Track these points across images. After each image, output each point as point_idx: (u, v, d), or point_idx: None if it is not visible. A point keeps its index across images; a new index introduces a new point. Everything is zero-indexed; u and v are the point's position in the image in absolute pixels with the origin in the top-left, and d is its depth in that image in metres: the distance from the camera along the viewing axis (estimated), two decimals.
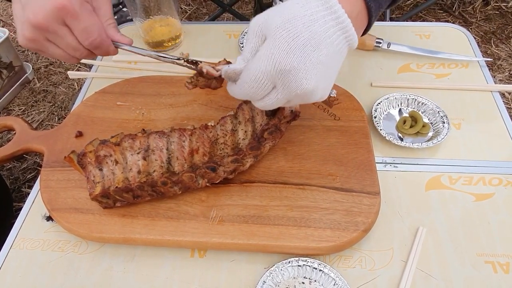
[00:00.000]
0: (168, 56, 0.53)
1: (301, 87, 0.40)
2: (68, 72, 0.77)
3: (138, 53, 0.53)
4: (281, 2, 1.00)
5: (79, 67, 1.40)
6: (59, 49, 0.49)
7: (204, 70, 0.50)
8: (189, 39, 0.80)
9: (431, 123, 0.62)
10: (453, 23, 0.87)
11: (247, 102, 0.57)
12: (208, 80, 0.52)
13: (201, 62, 0.51)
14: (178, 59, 0.53)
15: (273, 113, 0.53)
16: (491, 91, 0.67)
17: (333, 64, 0.42)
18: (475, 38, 0.77)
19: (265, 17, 0.41)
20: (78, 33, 0.47)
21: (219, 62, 0.50)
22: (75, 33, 0.47)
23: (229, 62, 0.50)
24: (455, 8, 1.50)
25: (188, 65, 0.51)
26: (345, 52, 0.43)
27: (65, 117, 0.66)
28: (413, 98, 0.64)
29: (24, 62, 1.37)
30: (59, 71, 1.41)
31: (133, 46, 0.53)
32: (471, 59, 0.72)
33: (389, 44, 0.74)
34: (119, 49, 0.53)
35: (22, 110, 1.29)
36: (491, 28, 1.44)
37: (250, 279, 0.49)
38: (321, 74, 0.40)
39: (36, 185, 0.58)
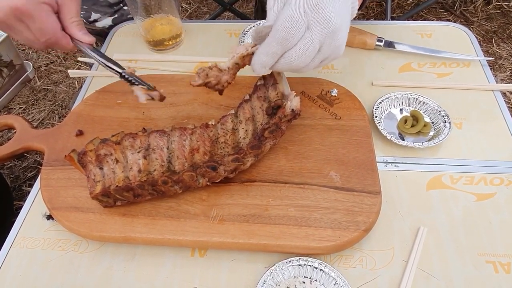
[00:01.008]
0: (114, 68, 0.55)
1: (331, 21, 0.43)
2: (69, 71, 0.77)
3: (91, 57, 0.56)
4: None
5: (80, 65, 1.40)
6: (22, 38, 0.53)
7: (138, 93, 0.53)
8: (189, 37, 0.80)
9: (432, 122, 0.62)
10: (454, 22, 0.87)
11: (248, 100, 0.57)
12: (218, 76, 0.51)
13: (136, 82, 0.54)
14: (122, 73, 0.54)
15: (274, 112, 0.53)
16: (492, 91, 0.67)
17: (347, 16, 0.46)
18: (476, 37, 0.77)
19: None
20: (34, 31, 0.52)
21: (153, 88, 0.54)
22: (31, 31, 0.52)
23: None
24: (457, 7, 1.50)
25: (128, 81, 0.54)
26: (350, 14, 0.48)
27: (65, 116, 0.66)
28: (414, 98, 0.64)
29: (25, 61, 1.37)
30: (59, 69, 1.41)
31: (93, 48, 0.56)
32: (473, 58, 0.72)
33: (390, 43, 0.73)
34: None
35: (22, 108, 1.29)
36: (492, 27, 1.43)
37: (251, 278, 0.48)
38: (343, 13, 0.45)
39: (37, 184, 0.58)
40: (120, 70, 0.54)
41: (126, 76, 0.54)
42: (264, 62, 0.46)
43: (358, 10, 0.51)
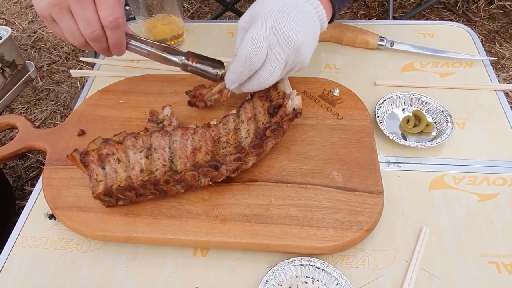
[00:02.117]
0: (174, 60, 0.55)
1: (291, 40, 0.47)
2: (71, 71, 0.77)
3: (145, 50, 0.55)
4: None
5: (82, 65, 1.40)
6: (73, 23, 0.48)
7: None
8: (191, 37, 0.80)
9: (435, 122, 0.62)
10: (456, 22, 0.87)
11: (249, 100, 0.57)
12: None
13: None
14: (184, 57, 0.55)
15: (275, 112, 0.53)
16: (495, 90, 0.67)
17: (310, 28, 0.50)
18: (479, 37, 0.76)
19: (248, 13, 0.50)
20: (103, 7, 0.47)
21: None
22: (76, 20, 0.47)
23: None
24: (459, 7, 1.50)
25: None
26: (318, 28, 0.52)
27: (67, 116, 0.66)
28: (417, 97, 0.64)
29: (27, 61, 1.37)
30: (61, 69, 1.42)
31: (137, 39, 0.54)
32: (475, 58, 0.72)
33: (392, 43, 0.73)
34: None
35: (25, 108, 1.29)
36: (495, 27, 1.43)
37: (253, 278, 0.48)
38: (303, 29, 0.48)
39: (39, 183, 0.58)
40: (179, 60, 0.55)
41: (188, 64, 0.55)
42: (232, 79, 0.51)
43: (330, 22, 0.55)
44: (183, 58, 0.55)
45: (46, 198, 0.54)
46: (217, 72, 0.55)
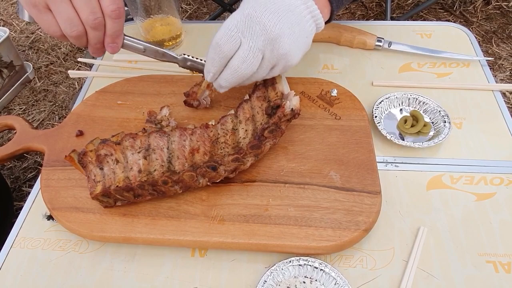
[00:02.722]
0: (171, 54, 0.55)
1: (267, 29, 0.45)
2: (69, 71, 0.77)
3: (139, 46, 0.55)
4: None
5: (80, 66, 1.40)
6: (72, 10, 0.45)
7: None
8: (189, 38, 0.80)
9: (432, 122, 0.62)
10: (454, 22, 0.87)
11: (247, 100, 0.57)
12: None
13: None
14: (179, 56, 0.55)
15: (274, 112, 0.53)
16: (492, 91, 0.67)
17: (295, 26, 0.47)
18: (476, 38, 0.77)
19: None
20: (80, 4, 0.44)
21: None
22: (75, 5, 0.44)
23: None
24: (456, 8, 1.50)
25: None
26: (309, 26, 0.49)
27: (65, 117, 0.66)
28: (414, 97, 0.64)
29: (25, 62, 1.37)
30: (59, 70, 1.42)
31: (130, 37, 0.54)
32: (472, 59, 0.72)
33: (390, 43, 0.74)
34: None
35: (22, 109, 1.29)
36: (492, 27, 1.43)
37: (251, 278, 0.48)
38: (284, 22, 0.46)
39: (37, 184, 0.58)
40: (178, 55, 0.55)
41: (188, 58, 0.55)
42: (207, 68, 0.50)
43: (328, 21, 0.53)
44: (183, 53, 0.55)
45: (44, 199, 0.54)
46: None
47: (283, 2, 0.47)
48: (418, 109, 0.64)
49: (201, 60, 0.56)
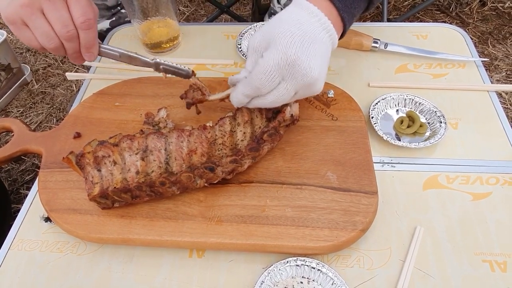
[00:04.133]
0: (146, 59, 0.55)
1: (308, 75, 0.46)
2: (67, 74, 0.77)
3: (115, 54, 0.55)
4: (279, 3, 1.00)
5: (77, 68, 1.40)
6: (46, 24, 0.48)
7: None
8: (187, 40, 0.81)
9: (428, 123, 0.63)
10: (450, 23, 0.88)
11: None
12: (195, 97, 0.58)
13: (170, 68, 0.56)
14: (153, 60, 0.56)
15: (273, 116, 0.54)
16: (487, 91, 0.68)
17: (326, 58, 0.48)
18: (472, 39, 0.77)
19: (261, 33, 0.48)
20: (76, 9, 0.47)
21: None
22: (50, 21, 0.47)
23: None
24: (452, 9, 1.51)
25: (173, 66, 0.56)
26: (330, 50, 0.50)
27: (63, 119, 0.66)
28: (410, 98, 0.64)
29: (22, 64, 1.37)
30: (57, 72, 1.41)
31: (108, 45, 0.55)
32: (468, 59, 0.72)
33: (386, 45, 0.74)
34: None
35: (20, 112, 1.29)
36: (488, 28, 1.44)
37: (249, 279, 0.49)
38: (320, 64, 0.47)
39: (35, 186, 0.58)
40: (151, 60, 0.55)
41: (161, 62, 0.56)
42: (240, 100, 0.51)
43: (341, 37, 0.53)
44: (155, 58, 0.56)
45: (42, 201, 0.54)
46: (189, 69, 0.56)
47: (315, 38, 0.46)
48: (414, 109, 0.64)
49: (176, 64, 0.56)
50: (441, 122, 0.61)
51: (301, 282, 0.48)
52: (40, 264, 0.51)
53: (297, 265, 0.48)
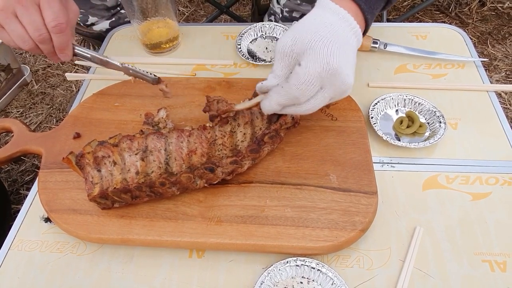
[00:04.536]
0: (115, 63, 0.57)
1: (346, 83, 0.45)
2: (66, 74, 0.77)
3: (87, 57, 0.57)
4: (278, 4, 1.00)
5: (77, 69, 1.40)
6: (20, 27, 0.50)
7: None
8: (186, 40, 0.81)
9: (428, 123, 0.63)
10: (449, 24, 0.88)
11: None
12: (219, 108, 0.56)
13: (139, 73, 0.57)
14: (123, 65, 0.57)
15: (276, 119, 0.54)
16: (487, 91, 0.68)
17: (355, 63, 0.48)
18: (471, 39, 0.77)
19: (291, 37, 0.45)
20: (48, 13, 0.49)
21: None
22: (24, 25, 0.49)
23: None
24: (452, 9, 1.51)
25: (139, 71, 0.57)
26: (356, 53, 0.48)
27: (63, 119, 0.66)
28: (410, 98, 0.64)
29: (22, 65, 1.37)
30: (57, 73, 1.41)
31: (84, 48, 0.57)
32: (467, 60, 0.72)
33: (385, 45, 0.74)
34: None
35: (20, 112, 1.29)
36: (487, 28, 1.44)
37: (249, 279, 0.49)
38: (353, 70, 0.47)
39: (34, 187, 0.58)
40: (120, 64, 0.57)
41: (129, 67, 0.57)
42: (274, 109, 0.49)
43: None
44: (124, 63, 0.57)
45: (42, 201, 0.54)
46: (155, 75, 0.56)
47: (347, 42, 0.46)
48: (413, 110, 0.64)
49: (142, 70, 0.57)
50: (440, 122, 0.61)
51: (301, 282, 0.48)
52: (40, 265, 0.51)
53: (297, 265, 0.48)
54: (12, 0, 0.47)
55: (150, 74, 0.57)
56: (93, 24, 0.99)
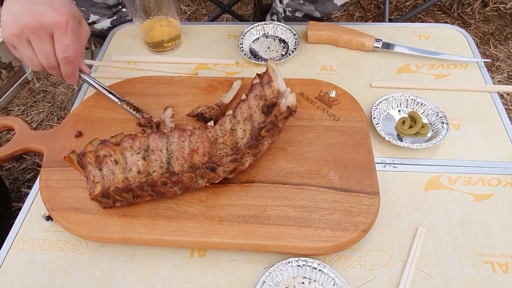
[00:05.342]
0: (116, 97, 0.64)
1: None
2: None
3: (92, 85, 0.65)
4: (281, 4, 1.00)
5: None
6: (32, 52, 0.55)
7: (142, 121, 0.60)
8: (188, 39, 0.81)
9: (430, 123, 0.62)
10: (452, 24, 0.88)
11: (245, 100, 0.57)
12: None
13: (142, 111, 0.63)
14: (123, 101, 0.64)
15: (269, 110, 0.53)
16: (489, 92, 0.68)
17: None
18: (473, 39, 0.77)
19: None
20: (58, 45, 0.54)
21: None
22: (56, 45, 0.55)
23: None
24: (454, 9, 1.51)
25: (130, 110, 0.63)
26: None
27: (64, 118, 0.66)
28: (412, 99, 0.64)
29: (24, 63, 1.37)
30: None
31: (91, 77, 0.64)
32: (470, 60, 0.72)
33: (388, 45, 0.74)
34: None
35: (21, 110, 1.29)
36: (489, 29, 1.44)
37: (250, 279, 0.49)
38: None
39: (36, 185, 0.58)
40: (117, 100, 0.64)
41: (126, 102, 0.63)
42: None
43: None
44: (126, 99, 0.64)
45: (43, 199, 0.54)
46: (144, 115, 0.61)
47: None
48: (416, 110, 0.64)
49: (137, 109, 0.63)
50: (443, 123, 0.61)
51: (303, 283, 0.47)
52: (41, 263, 0.51)
53: (298, 266, 0.48)
54: (28, 29, 0.52)
55: (139, 114, 0.62)
56: (94, 22, 0.99)
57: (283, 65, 0.73)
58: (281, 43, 0.78)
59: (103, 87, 0.64)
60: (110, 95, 0.64)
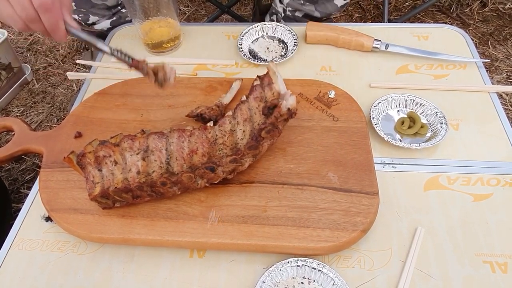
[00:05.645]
0: (104, 49, 0.55)
1: None
2: (67, 73, 0.77)
3: (81, 38, 0.55)
4: (281, 3, 1.00)
5: (78, 68, 1.40)
6: (10, 7, 0.50)
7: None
8: (188, 40, 0.81)
9: (429, 123, 0.63)
10: (451, 24, 0.88)
11: (245, 101, 0.57)
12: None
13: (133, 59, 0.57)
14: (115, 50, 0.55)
15: (270, 112, 0.53)
16: (488, 92, 0.68)
17: None
18: (472, 40, 0.77)
19: None
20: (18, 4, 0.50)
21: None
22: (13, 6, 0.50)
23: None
24: (453, 10, 1.51)
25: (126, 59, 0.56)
26: None
27: (64, 119, 0.66)
28: (412, 99, 0.64)
29: (23, 64, 1.37)
30: (58, 72, 1.41)
31: (79, 30, 0.55)
32: (469, 60, 0.72)
33: (387, 45, 0.74)
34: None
35: (21, 111, 1.29)
36: (488, 29, 1.44)
37: (249, 279, 0.49)
38: None
39: (35, 186, 0.58)
40: (107, 49, 0.55)
41: (116, 51, 0.56)
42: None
43: None
44: (112, 47, 0.56)
45: (43, 200, 0.54)
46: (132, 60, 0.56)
47: None
48: (415, 110, 0.64)
49: (125, 55, 0.56)
50: (442, 123, 0.61)
51: (302, 283, 0.48)
52: (40, 264, 0.51)
53: (297, 266, 0.48)
54: None
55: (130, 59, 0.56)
56: (94, 23, 0.99)
57: (282, 66, 0.73)
58: (280, 44, 0.78)
59: (93, 37, 0.56)
60: (102, 45, 0.56)
